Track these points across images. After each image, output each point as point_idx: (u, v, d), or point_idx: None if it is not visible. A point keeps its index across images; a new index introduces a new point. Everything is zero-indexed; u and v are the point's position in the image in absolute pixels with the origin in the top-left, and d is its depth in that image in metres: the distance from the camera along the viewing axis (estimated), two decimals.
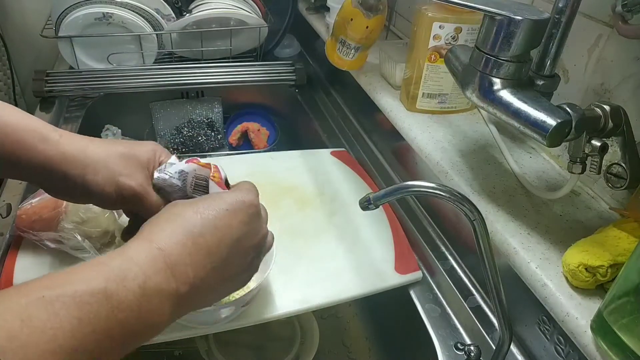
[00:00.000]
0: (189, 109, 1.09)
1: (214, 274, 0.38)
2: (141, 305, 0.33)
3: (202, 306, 0.41)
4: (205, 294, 0.39)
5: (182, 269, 0.36)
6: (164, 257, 0.35)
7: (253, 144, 1.10)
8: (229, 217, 0.40)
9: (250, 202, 0.42)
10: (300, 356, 0.71)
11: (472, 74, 0.50)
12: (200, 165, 0.47)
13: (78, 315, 0.29)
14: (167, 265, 0.35)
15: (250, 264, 0.43)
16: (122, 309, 0.32)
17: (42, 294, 0.29)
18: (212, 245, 0.38)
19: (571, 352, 0.45)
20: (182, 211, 0.39)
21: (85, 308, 0.30)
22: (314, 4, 1.15)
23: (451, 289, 0.61)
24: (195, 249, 0.37)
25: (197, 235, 0.38)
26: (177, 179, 0.46)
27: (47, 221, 0.57)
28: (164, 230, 0.37)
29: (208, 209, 0.40)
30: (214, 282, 0.39)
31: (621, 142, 0.47)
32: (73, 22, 0.96)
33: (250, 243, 0.42)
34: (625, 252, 0.43)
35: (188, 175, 0.47)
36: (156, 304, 0.34)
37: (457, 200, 0.40)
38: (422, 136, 0.69)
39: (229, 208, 0.41)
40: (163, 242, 0.36)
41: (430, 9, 0.66)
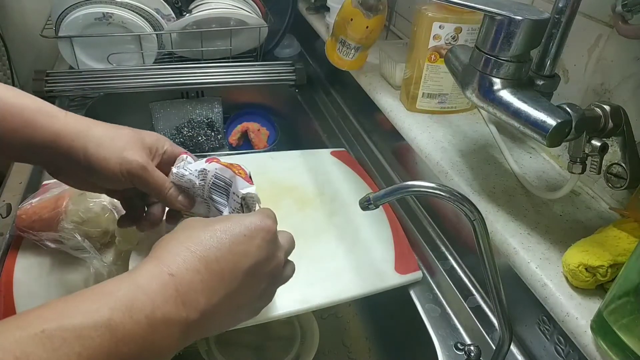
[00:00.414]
0: (189, 109, 1.09)
1: (227, 301, 0.37)
2: (147, 336, 0.31)
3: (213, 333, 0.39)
4: (216, 320, 0.38)
5: (193, 296, 0.34)
6: (176, 284, 0.34)
7: (253, 144, 1.10)
8: (246, 243, 0.39)
9: (268, 228, 0.41)
10: (300, 356, 0.71)
11: (472, 74, 0.50)
12: (222, 165, 0.46)
13: (79, 351, 0.28)
14: (178, 293, 0.34)
15: (264, 292, 0.42)
16: (126, 342, 0.30)
17: (41, 328, 0.28)
18: (227, 271, 0.37)
19: (571, 352, 0.45)
20: (198, 233, 0.38)
21: (87, 343, 0.28)
22: (314, 4, 1.15)
23: (451, 289, 0.61)
24: (209, 275, 0.36)
25: (212, 260, 0.36)
26: (197, 177, 0.46)
27: (47, 221, 0.57)
28: (178, 254, 0.36)
29: (225, 233, 0.38)
30: (226, 309, 0.38)
31: (621, 142, 0.47)
32: (73, 22, 0.96)
33: (265, 270, 0.41)
34: (625, 252, 0.43)
35: (208, 174, 0.46)
36: (163, 333, 0.32)
37: (457, 200, 0.40)
38: (422, 136, 0.69)
39: (247, 234, 0.39)
40: (175, 268, 0.35)
41: (430, 9, 0.66)
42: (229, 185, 0.46)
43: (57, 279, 0.56)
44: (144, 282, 0.33)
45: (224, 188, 0.46)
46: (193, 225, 0.39)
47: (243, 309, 0.41)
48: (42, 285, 0.55)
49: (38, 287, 0.55)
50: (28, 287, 0.55)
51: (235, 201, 0.46)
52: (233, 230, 0.39)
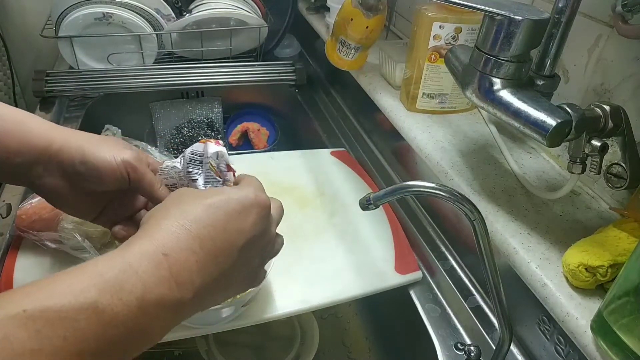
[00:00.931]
0: (189, 109, 1.09)
1: (221, 279, 0.36)
2: (137, 319, 0.30)
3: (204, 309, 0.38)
4: (209, 298, 0.37)
5: (188, 277, 0.33)
6: (170, 264, 0.32)
7: (253, 144, 1.10)
8: (241, 220, 0.37)
9: (263, 203, 0.39)
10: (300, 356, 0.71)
11: (472, 74, 0.50)
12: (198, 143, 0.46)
13: (63, 334, 0.26)
14: (172, 273, 0.32)
15: (256, 268, 0.42)
16: (115, 325, 0.29)
17: (23, 308, 0.26)
18: (221, 250, 0.36)
19: (571, 352, 0.45)
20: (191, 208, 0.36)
21: (72, 326, 0.27)
22: (314, 4, 1.15)
23: (451, 289, 0.61)
24: (204, 255, 0.34)
25: (207, 239, 0.35)
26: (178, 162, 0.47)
27: (47, 221, 0.57)
28: (172, 232, 0.34)
29: (220, 209, 0.37)
30: (219, 287, 0.37)
31: (621, 142, 0.47)
32: (73, 22, 0.96)
33: (258, 246, 0.39)
34: (625, 252, 0.43)
35: (186, 154, 0.46)
36: (155, 315, 0.31)
37: (457, 200, 0.40)
38: (422, 136, 0.69)
39: (241, 210, 0.37)
40: (169, 247, 0.33)
41: (430, 9, 0.66)
42: (201, 156, 0.46)
43: None
44: (136, 262, 0.31)
45: (198, 160, 0.46)
46: (184, 198, 0.37)
47: (235, 285, 0.40)
48: None
49: None
50: None
51: (206, 164, 0.46)
52: (227, 206, 0.37)
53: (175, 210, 0.36)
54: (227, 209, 0.37)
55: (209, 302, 0.38)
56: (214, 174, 0.46)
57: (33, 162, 0.43)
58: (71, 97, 0.97)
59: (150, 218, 0.36)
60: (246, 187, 0.40)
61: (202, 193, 0.39)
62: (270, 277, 0.57)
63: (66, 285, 0.29)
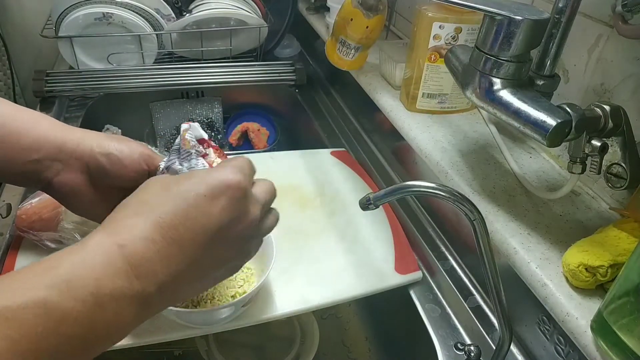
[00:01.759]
0: (189, 109, 1.09)
1: (191, 268, 0.34)
2: (94, 315, 0.29)
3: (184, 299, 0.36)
4: (183, 289, 0.35)
5: (148, 267, 0.31)
6: (126, 255, 0.31)
7: (253, 144, 1.10)
8: (206, 204, 0.34)
9: (236, 184, 0.36)
10: (300, 356, 0.71)
11: (472, 74, 0.50)
12: None
13: (9, 334, 0.25)
14: (130, 265, 0.31)
15: (241, 251, 0.39)
16: (68, 322, 0.27)
17: None
18: (186, 238, 0.33)
19: (571, 352, 0.45)
20: (153, 195, 0.34)
21: (19, 325, 0.26)
22: (314, 4, 1.15)
23: (451, 289, 0.61)
24: (166, 244, 0.32)
25: (168, 227, 0.33)
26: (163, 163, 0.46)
27: (47, 221, 0.57)
28: (129, 222, 0.32)
29: (183, 194, 0.34)
30: (192, 276, 0.35)
31: (621, 142, 0.47)
32: (73, 22, 0.96)
33: (234, 232, 0.36)
34: (625, 252, 0.43)
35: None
36: (114, 310, 0.30)
37: (457, 200, 0.40)
38: (422, 136, 0.69)
39: (207, 193, 0.34)
40: (125, 237, 0.31)
41: (430, 9, 0.66)
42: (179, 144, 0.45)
43: None
44: (88, 256, 0.30)
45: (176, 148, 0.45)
46: (150, 188, 0.36)
47: (214, 272, 0.37)
48: None
49: None
50: None
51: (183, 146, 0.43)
52: (191, 191, 0.34)
53: (135, 201, 0.35)
54: (190, 194, 0.34)
55: (186, 292, 0.36)
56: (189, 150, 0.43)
57: (52, 158, 0.42)
58: (71, 97, 0.97)
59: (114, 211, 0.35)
60: (220, 169, 0.37)
61: (169, 179, 0.36)
62: (270, 277, 0.57)
63: (17, 284, 0.28)
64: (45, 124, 0.43)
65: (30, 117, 0.43)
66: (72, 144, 0.43)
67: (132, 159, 0.44)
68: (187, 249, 0.33)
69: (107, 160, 0.43)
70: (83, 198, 0.45)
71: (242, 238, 0.38)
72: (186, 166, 0.42)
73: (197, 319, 0.52)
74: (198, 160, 0.43)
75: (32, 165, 0.42)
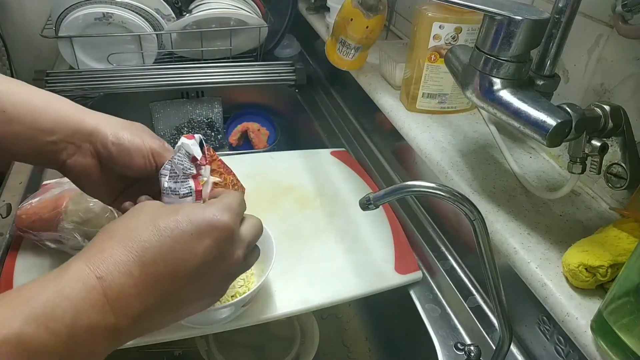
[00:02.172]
0: (189, 109, 1.09)
1: (167, 302, 0.34)
2: (67, 347, 0.29)
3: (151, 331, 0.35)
4: (155, 321, 0.35)
5: (125, 301, 0.31)
6: (104, 288, 0.31)
7: (253, 144, 1.10)
8: (192, 243, 0.34)
9: (222, 226, 0.36)
10: (300, 356, 0.71)
11: (472, 74, 0.50)
12: None
13: None
14: (107, 298, 0.30)
15: (219, 288, 0.39)
16: (41, 355, 0.27)
17: None
18: (166, 275, 0.33)
19: (571, 352, 0.45)
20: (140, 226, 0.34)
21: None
22: (314, 4, 1.15)
23: (451, 289, 0.61)
24: (143, 279, 0.32)
25: (149, 262, 0.32)
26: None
27: (47, 221, 0.57)
28: (111, 254, 0.32)
29: (169, 230, 0.34)
30: (167, 309, 0.35)
31: (621, 142, 0.47)
32: (73, 22, 0.96)
33: (215, 271, 0.37)
34: (625, 252, 0.43)
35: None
36: (87, 342, 0.30)
37: (457, 200, 0.40)
38: (422, 136, 0.69)
39: (194, 232, 0.34)
40: (105, 269, 0.31)
41: (430, 9, 0.66)
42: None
43: None
44: (67, 286, 0.30)
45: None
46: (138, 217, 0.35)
47: (191, 305, 0.37)
48: None
49: None
50: None
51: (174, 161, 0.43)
52: (178, 227, 0.34)
53: (123, 230, 0.34)
54: (178, 231, 0.34)
55: (158, 323, 0.36)
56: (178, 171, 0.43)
57: (67, 141, 0.44)
58: (71, 97, 0.96)
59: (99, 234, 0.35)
60: (210, 207, 0.37)
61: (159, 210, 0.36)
62: (271, 277, 0.57)
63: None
64: (62, 105, 0.44)
65: (46, 97, 0.44)
66: (88, 128, 0.44)
67: (142, 154, 0.45)
68: (165, 284, 0.33)
69: (117, 150, 0.44)
70: (92, 179, 0.46)
71: (223, 276, 0.38)
72: (172, 186, 0.42)
73: (197, 319, 0.52)
74: (184, 183, 0.42)
75: (49, 146, 0.43)
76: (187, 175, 0.42)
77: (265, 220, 0.58)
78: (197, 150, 0.43)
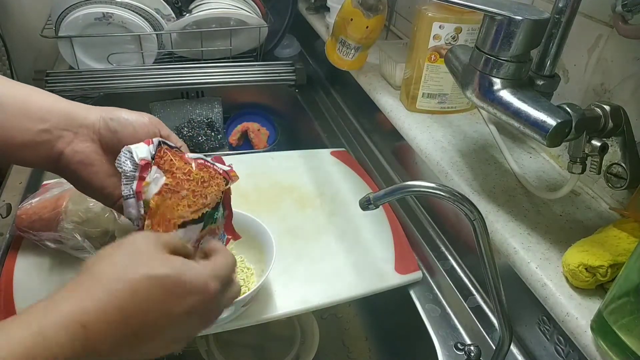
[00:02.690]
0: (189, 109, 1.09)
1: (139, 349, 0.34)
2: None
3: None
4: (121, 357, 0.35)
5: (99, 346, 0.32)
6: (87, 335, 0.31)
7: (253, 144, 1.10)
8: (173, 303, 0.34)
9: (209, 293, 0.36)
10: (300, 356, 0.71)
11: (472, 74, 0.50)
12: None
13: None
14: (85, 347, 0.31)
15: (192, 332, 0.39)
16: None
17: None
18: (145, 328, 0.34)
19: (571, 352, 0.45)
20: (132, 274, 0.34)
21: None
22: (314, 4, 1.15)
23: (451, 289, 0.61)
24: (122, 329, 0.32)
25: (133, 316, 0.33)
26: None
27: (47, 221, 0.57)
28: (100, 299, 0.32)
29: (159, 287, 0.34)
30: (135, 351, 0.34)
31: (621, 142, 0.47)
32: (73, 22, 0.96)
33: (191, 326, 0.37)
34: (625, 252, 0.43)
35: None
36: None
37: (457, 200, 0.40)
38: (422, 136, 0.69)
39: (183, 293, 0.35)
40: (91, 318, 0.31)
41: (430, 9, 0.66)
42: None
43: (57, 279, 0.56)
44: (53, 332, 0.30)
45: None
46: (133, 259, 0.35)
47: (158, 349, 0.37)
48: (42, 285, 0.55)
49: (38, 287, 0.55)
50: (28, 287, 0.55)
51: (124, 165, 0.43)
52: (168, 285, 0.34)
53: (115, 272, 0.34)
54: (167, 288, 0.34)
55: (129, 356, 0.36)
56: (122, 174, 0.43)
57: (60, 128, 0.43)
58: (71, 97, 0.96)
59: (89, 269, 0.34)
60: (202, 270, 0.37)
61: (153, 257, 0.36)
62: (271, 277, 0.57)
63: None
64: (48, 96, 0.44)
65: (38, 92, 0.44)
66: (80, 114, 0.44)
67: (143, 122, 0.45)
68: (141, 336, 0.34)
69: (118, 124, 0.44)
70: (95, 169, 0.45)
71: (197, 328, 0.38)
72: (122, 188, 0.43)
73: None
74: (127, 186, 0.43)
75: (44, 135, 0.42)
76: (129, 177, 0.43)
77: (265, 220, 0.58)
78: (141, 153, 0.43)
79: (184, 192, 0.43)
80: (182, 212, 0.43)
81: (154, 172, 0.43)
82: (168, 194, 0.43)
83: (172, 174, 0.43)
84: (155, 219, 0.42)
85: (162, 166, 0.43)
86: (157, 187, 0.43)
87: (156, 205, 0.42)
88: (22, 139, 0.42)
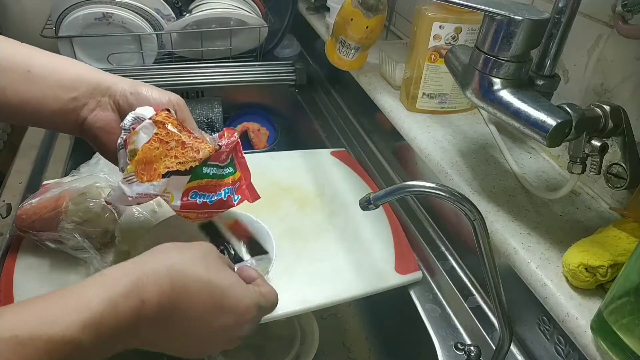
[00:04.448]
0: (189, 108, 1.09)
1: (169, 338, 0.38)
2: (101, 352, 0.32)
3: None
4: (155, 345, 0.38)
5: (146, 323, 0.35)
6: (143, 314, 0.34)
7: (253, 144, 1.10)
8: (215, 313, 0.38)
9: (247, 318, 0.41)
10: (300, 356, 0.71)
11: (472, 74, 0.50)
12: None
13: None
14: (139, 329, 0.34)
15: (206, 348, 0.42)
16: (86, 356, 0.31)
17: (15, 333, 0.28)
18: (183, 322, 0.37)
19: (571, 352, 0.45)
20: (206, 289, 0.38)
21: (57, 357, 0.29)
22: (314, 4, 1.15)
23: (451, 289, 0.61)
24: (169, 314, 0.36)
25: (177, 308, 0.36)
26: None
27: (47, 221, 0.57)
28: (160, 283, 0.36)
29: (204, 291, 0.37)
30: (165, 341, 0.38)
31: (621, 142, 0.47)
32: (73, 22, 0.96)
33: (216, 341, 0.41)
34: (625, 252, 0.43)
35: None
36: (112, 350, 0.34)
37: (457, 200, 0.40)
38: (422, 136, 0.69)
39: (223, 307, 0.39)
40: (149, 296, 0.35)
41: (430, 9, 0.66)
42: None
43: (57, 279, 0.56)
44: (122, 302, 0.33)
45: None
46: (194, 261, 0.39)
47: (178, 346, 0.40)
48: (42, 286, 0.55)
49: (38, 287, 0.55)
50: (28, 287, 0.55)
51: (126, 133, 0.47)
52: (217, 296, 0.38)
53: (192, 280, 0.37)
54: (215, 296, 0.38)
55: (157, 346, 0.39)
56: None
57: (87, 96, 0.47)
58: None
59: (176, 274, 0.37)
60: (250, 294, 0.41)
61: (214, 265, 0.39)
62: (271, 277, 0.57)
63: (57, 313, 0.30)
64: (81, 65, 0.49)
65: (67, 59, 0.49)
66: (106, 84, 0.48)
67: (160, 102, 0.48)
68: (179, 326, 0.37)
69: (136, 99, 0.48)
70: (114, 136, 0.49)
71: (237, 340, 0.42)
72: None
73: None
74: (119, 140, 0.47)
75: (72, 102, 0.47)
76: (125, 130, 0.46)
77: (265, 221, 0.58)
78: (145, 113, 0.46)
79: (173, 143, 0.45)
80: (169, 162, 0.44)
81: (146, 124, 0.45)
82: (156, 143, 0.44)
83: (163, 126, 0.45)
84: (140, 166, 0.44)
85: (157, 121, 0.46)
86: (148, 137, 0.45)
87: (143, 153, 0.44)
88: (56, 106, 0.47)
